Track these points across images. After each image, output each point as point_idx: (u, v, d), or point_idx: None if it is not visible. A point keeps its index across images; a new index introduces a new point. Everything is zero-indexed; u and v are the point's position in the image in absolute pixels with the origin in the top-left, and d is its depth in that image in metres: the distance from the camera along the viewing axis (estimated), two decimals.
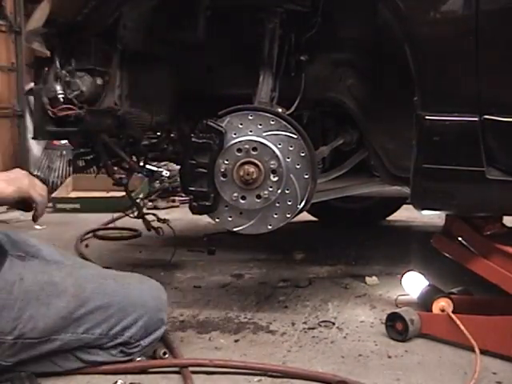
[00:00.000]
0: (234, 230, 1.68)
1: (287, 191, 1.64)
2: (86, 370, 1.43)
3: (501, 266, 1.64)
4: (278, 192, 1.62)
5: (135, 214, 2.03)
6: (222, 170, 1.63)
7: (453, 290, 1.81)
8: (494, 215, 1.80)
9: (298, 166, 1.64)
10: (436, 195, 1.65)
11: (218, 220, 1.68)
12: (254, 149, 1.62)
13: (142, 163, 1.84)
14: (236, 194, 1.63)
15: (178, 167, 1.74)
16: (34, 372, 1.39)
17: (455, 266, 1.81)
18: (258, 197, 1.63)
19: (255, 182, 1.62)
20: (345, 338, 1.70)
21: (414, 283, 1.89)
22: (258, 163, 1.61)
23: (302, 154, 1.63)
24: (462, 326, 1.55)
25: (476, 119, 1.54)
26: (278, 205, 1.64)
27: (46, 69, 1.92)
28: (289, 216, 1.65)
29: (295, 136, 1.63)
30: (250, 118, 1.64)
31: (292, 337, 1.71)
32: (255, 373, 1.44)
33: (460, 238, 1.80)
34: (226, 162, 1.63)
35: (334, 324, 1.81)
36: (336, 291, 2.16)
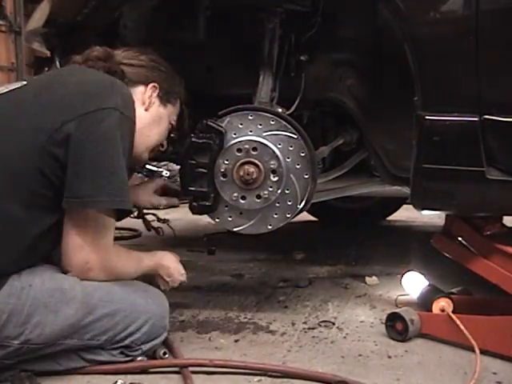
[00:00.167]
0: (234, 230, 1.68)
1: (287, 191, 1.64)
2: (86, 369, 1.43)
3: (501, 266, 1.64)
4: (278, 192, 1.62)
5: (135, 214, 2.03)
6: (222, 170, 1.63)
7: (453, 290, 1.81)
8: (494, 215, 1.80)
9: (298, 166, 1.63)
10: (436, 195, 1.65)
11: (217, 220, 1.68)
12: (254, 149, 1.62)
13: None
14: (236, 194, 1.63)
15: (178, 167, 1.74)
16: (35, 370, 1.39)
17: (455, 265, 1.81)
18: (258, 197, 1.63)
19: (255, 182, 1.61)
20: (345, 338, 1.70)
21: (413, 283, 1.89)
22: (258, 163, 1.61)
23: (302, 154, 1.63)
24: (461, 326, 1.55)
25: (476, 119, 1.54)
26: (278, 205, 1.64)
27: (46, 69, 1.93)
28: (289, 216, 1.65)
29: (295, 136, 1.63)
30: (250, 118, 1.64)
31: (292, 337, 1.71)
32: (255, 373, 1.44)
33: (460, 238, 1.80)
34: (226, 162, 1.63)
35: (334, 324, 1.81)
36: (336, 291, 2.16)
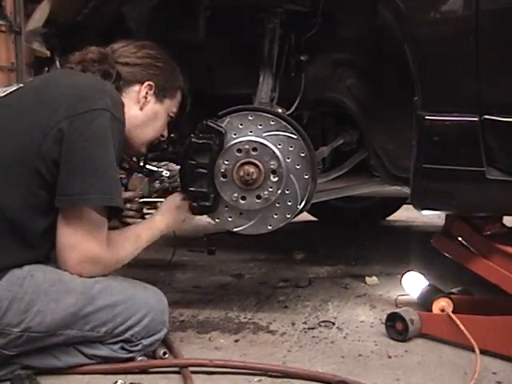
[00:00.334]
0: (234, 230, 1.68)
1: (287, 191, 1.64)
2: (86, 369, 1.43)
3: (501, 266, 1.64)
4: (278, 192, 1.62)
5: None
6: (222, 171, 1.63)
7: (453, 290, 1.81)
8: (494, 215, 1.80)
9: (298, 167, 1.63)
10: (436, 195, 1.65)
11: (218, 220, 1.68)
12: (254, 149, 1.62)
13: (142, 163, 1.84)
14: (236, 195, 1.63)
15: (178, 167, 1.74)
16: (35, 366, 1.40)
17: (455, 265, 1.81)
18: (258, 197, 1.63)
19: (255, 182, 1.61)
20: (345, 338, 1.70)
21: (414, 283, 1.89)
22: (258, 163, 1.61)
23: (302, 155, 1.63)
24: (461, 326, 1.55)
25: (476, 119, 1.54)
26: (278, 205, 1.64)
27: (46, 69, 1.93)
28: (289, 216, 1.65)
29: (295, 136, 1.63)
30: (250, 118, 1.63)
31: (292, 337, 1.71)
32: (255, 373, 1.44)
33: (460, 238, 1.80)
34: (226, 163, 1.63)
35: (334, 324, 1.81)
36: (336, 291, 2.16)
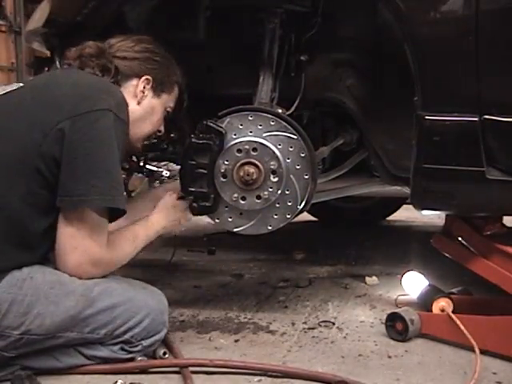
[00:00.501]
0: (234, 230, 1.68)
1: (287, 192, 1.64)
2: (86, 369, 1.43)
3: (501, 266, 1.64)
4: (278, 193, 1.62)
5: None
6: (222, 171, 1.63)
7: (453, 290, 1.81)
8: (494, 215, 1.80)
9: (297, 167, 1.63)
10: (436, 195, 1.65)
11: (218, 221, 1.68)
12: (254, 149, 1.62)
13: (141, 163, 1.84)
14: (236, 195, 1.63)
15: (178, 167, 1.74)
16: (35, 367, 1.40)
17: (455, 265, 1.81)
18: (258, 197, 1.63)
19: (255, 182, 1.61)
20: (345, 338, 1.70)
21: (414, 283, 1.89)
22: (258, 164, 1.61)
23: (302, 155, 1.63)
24: (461, 326, 1.55)
25: (476, 119, 1.54)
26: (278, 205, 1.64)
27: (46, 69, 1.93)
28: (289, 216, 1.65)
29: (295, 137, 1.63)
30: (250, 118, 1.63)
31: (292, 337, 1.71)
32: (255, 373, 1.44)
33: (460, 238, 1.80)
34: (226, 163, 1.63)
35: (334, 324, 1.81)
36: (336, 291, 2.16)
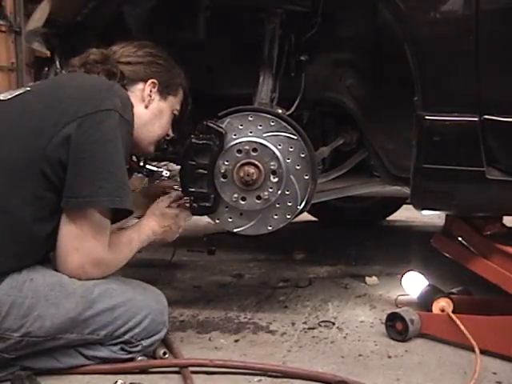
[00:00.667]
0: (235, 231, 1.68)
1: (287, 192, 1.64)
2: (86, 369, 1.43)
3: (501, 266, 1.64)
4: (278, 193, 1.62)
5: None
6: (222, 171, 1.63)
7: (453, 290, 1.81)
8: (494, 215, 1.80)
9: (298, 167, 1.63)
10: (436, 195, 1.65)
11: (218, 221, 1.68)
12: (254, 150, 1.62)
13: (142, 163, 1.83)
14: (236, 195, 1.63)
15: (178, 167, 1.74)
16: (35, 368, 1.40)
17: (455, 265, 1.81)
18: (258, 198, 1.63)
19: (255, 182, 1.61)
20: (345, 338, 1.70)
21: (414, 283, 1.89)
22: (258, 164, 1.61)
23: (302, 155, 1.63)
24: (461, 326, 1.55)
25: (476, 119, 1.54)
26: (278, 206, 1.64)
27: (46, 69, 1.93)
28: (289, 217, 1.65)
29: (295, 137, 1.63)
30: (250, 118, 1.63)
31: (292, 337, 1.71)
32: (255, 373, 1.44)
33: (460, 238, 1.80)
34: (226, 163, 1.63)
35: (334, 324, 1.81)
36: (336, 291, 2.16)
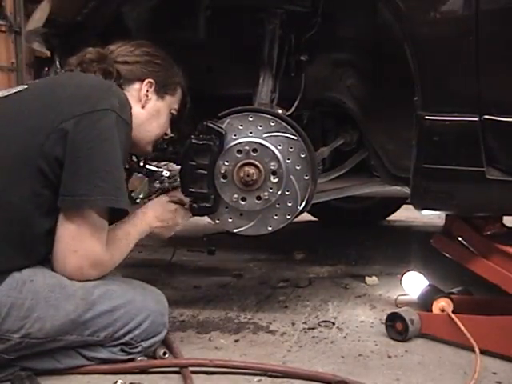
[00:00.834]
0: (235, 231, 1.68)
1: (287, 192, 1.64)
2: (86, 369, 1.43)
3: (501, 266, 1.64)
4: (278, 193, 1.62)
5: None
6: (222, 172, 1.62)
7: (453, 290, 1.81)
8: (494, 215, 1.80)
9: (298, 168, 1.63)
10: (436, 195, 1.65)
11: (218, 221, 1.68)
12: (254, 150, 1.62)
13: (142, 163, 1.84)
14: (236, 196, 1.63)
15: (178, 167, 1.74)
16: (35, 369, 1.39)
17: (455, 265, 1.81)
18: (258, 198, 1.63)
19: (255, 183, 1.61)
20: (345, 338, 1.70)
21: (414, 283, 1.89)
22: (258, 164, 1.61)
23: (302, 156, 1.63)
24: (461, 326, 1.55)
25: (476, 119, 1.54)
26: (278, 206, 1.64)
27: (46, 69, 1.93)
28: (289, 217, 1.65)
29: (295, 137, 1.63)
30: (250, 119, 1.63)
31: (292, 337, 1.71)
32: (255, 373, 1.44)
33: (460, 238, 1.80)
34: (226, 164, 1.63)
35: (334, 324, 1.81)
36: (336, 291, 2.16)
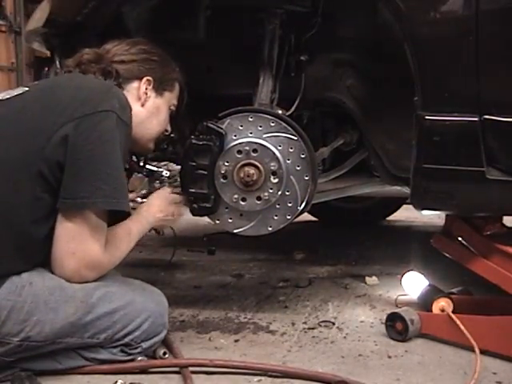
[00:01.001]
0: (235, 231, 1.68)
1: (287, 193, 1.64)
2: (86, 369, 1.43)
3: (501, 266, 1.64)
4: (279, 194, 1.62)
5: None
6: (223, 172, 1.63)
7: (453, 290, 1.81)
8: (494, 215, 1.80)
9: (298, 168, 1.63)
10: (436, 195, 1.65)
11: (218, 222, 1.68)
12: (255, 150, 1.62)
13: (142, 163, 1.84)
14: (236, 196, 1.63)
15: (178, 167, 1.74)
16: (35, 370, 1.39)
17: (455, 265, 1.81)
18: (259, 198, 1.63)
19: (255, 183, 1.61)
20: (345, 338, 1.70)
21: (414, 283, 1.89)
22: (259, 165, 1.61)
23: (302, 156, 1.63)
24: (461, 326, 1.55)
25: (476, 119, 1.54)
26: (278, 206, 1.64)
27: (46, 69, 1.93)
28: (289, 217, 1.65)
29: (295, 138, 1.63)
30: (250, 119, 1.63)
31: (292, 337, 1.71)
32: (255, 373, 1.44)
33: (460, 238, 1.80)
34: (227, 164, 1.63)
35: (334, 324, 1.81)
36: (336, 291, 2.16)
